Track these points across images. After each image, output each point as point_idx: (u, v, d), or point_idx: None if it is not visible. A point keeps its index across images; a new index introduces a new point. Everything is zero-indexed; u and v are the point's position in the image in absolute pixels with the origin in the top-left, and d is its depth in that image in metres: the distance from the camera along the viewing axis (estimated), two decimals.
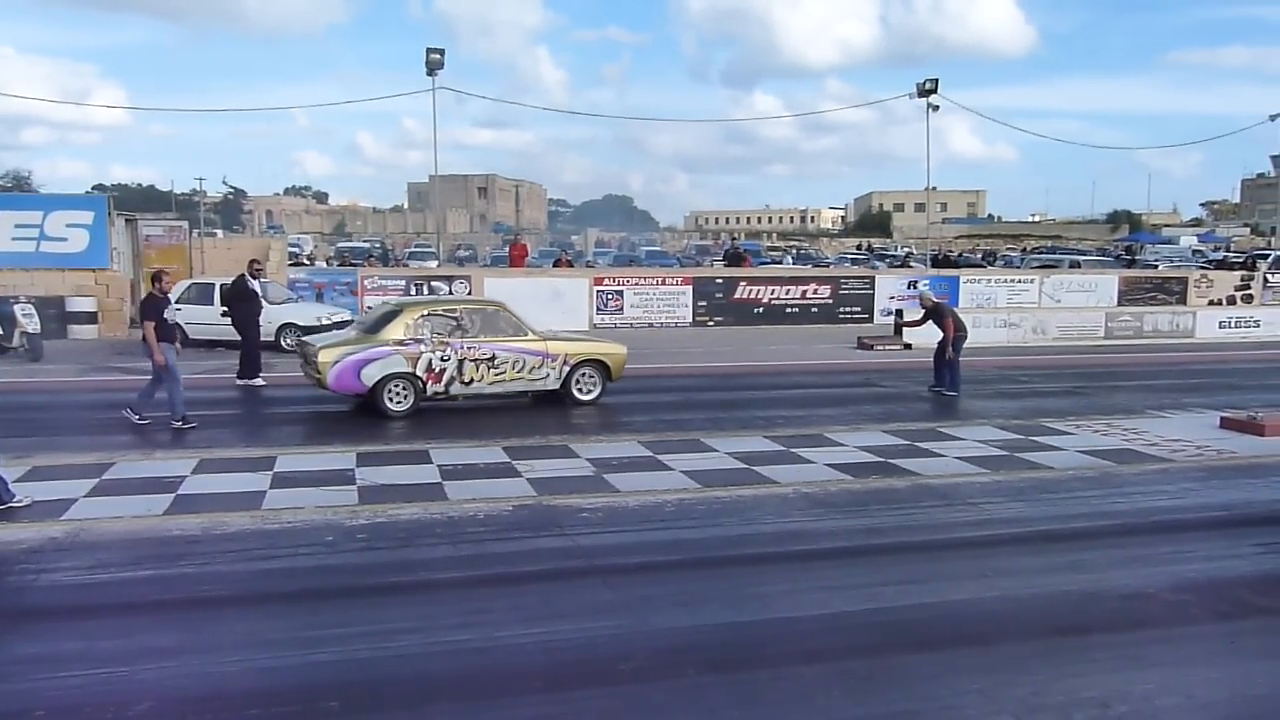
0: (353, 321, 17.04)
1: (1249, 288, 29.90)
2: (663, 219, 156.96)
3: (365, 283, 23.56)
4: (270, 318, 19.06)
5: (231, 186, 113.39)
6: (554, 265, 29.69)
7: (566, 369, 13.26)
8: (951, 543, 7.76)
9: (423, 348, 12.46)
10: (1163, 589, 6.74)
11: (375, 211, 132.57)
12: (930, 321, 15.79)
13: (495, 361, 12.80)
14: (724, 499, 8.81)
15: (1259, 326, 25.83)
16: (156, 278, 12.06)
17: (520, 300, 20.52)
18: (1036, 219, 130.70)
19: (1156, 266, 42.40)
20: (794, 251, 57.33)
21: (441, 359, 12.52)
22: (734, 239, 41.10)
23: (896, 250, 60.96)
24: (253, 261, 16.41)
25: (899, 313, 22.87)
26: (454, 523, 7.97)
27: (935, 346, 15.47)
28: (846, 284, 26.75)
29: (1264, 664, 5.58)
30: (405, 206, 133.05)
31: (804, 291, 26.06)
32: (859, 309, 26.24)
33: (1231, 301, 28.88)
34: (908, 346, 20.57)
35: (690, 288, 25.24)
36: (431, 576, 6.76)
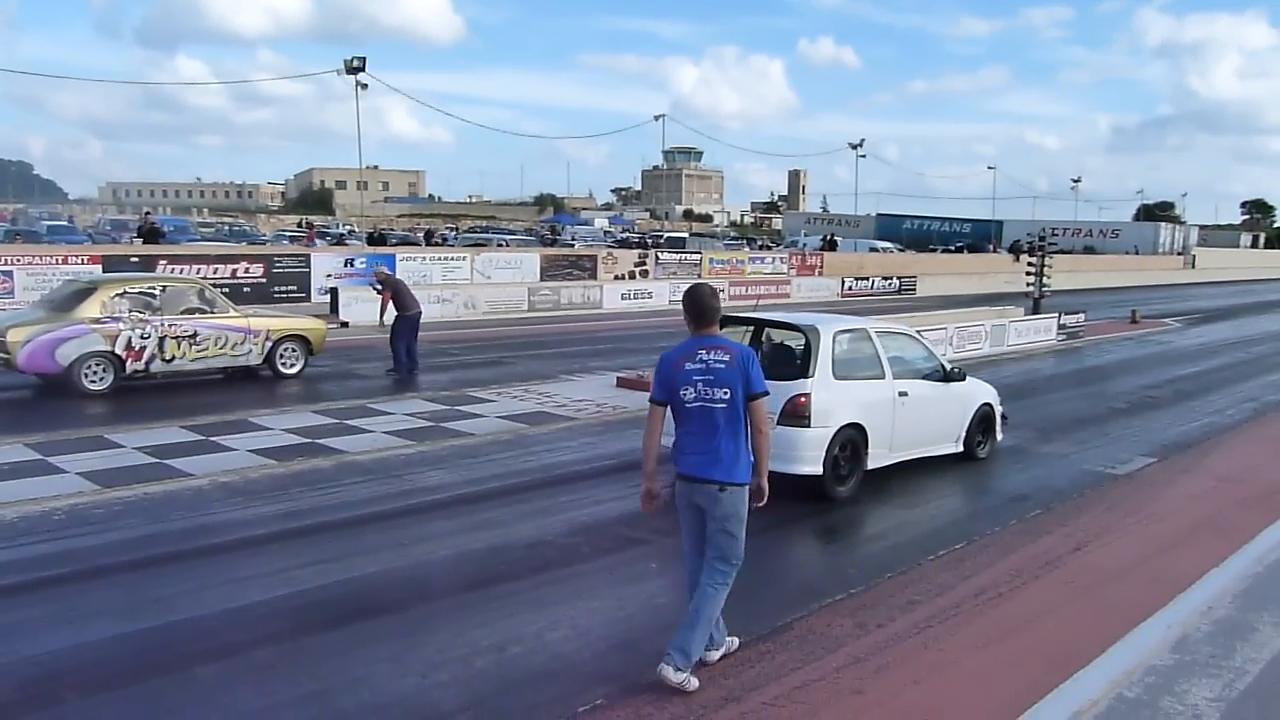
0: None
1: (645, 264, 34.43)
2: (73, 190, 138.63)
3: None
4: None
5: None
6: None
7: (269, 344, 13.58)
8: (372, 516, 7.87)
9: (121, 325, 12.24)
10: (559, 535, 7.50)
11: None
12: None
13: (197, 338, 12.86)
14: (127, 499, 8.00)
15: (652, 298, 29.98)
16: None
17: None
18: (473, 200, 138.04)
19: (574, 245, 47.06)
20: (225, 228, 53.80)
21: (142, 336, 12.35)
22: (148, 213, 37.32)
23: (338, 228, 60.15)
24: None
25: (334, 291, 22.66)
26: None
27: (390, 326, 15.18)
28: (281, 262, 25.74)
29: (631, 588, 6.46)
30: None
31: (234, 270, 24.47)
32: (295, 287, 25.36)
33: (632, 276, 33.03)
34: (345, 325, 20.45)
35: (99, 267, 22.44)
36: None
